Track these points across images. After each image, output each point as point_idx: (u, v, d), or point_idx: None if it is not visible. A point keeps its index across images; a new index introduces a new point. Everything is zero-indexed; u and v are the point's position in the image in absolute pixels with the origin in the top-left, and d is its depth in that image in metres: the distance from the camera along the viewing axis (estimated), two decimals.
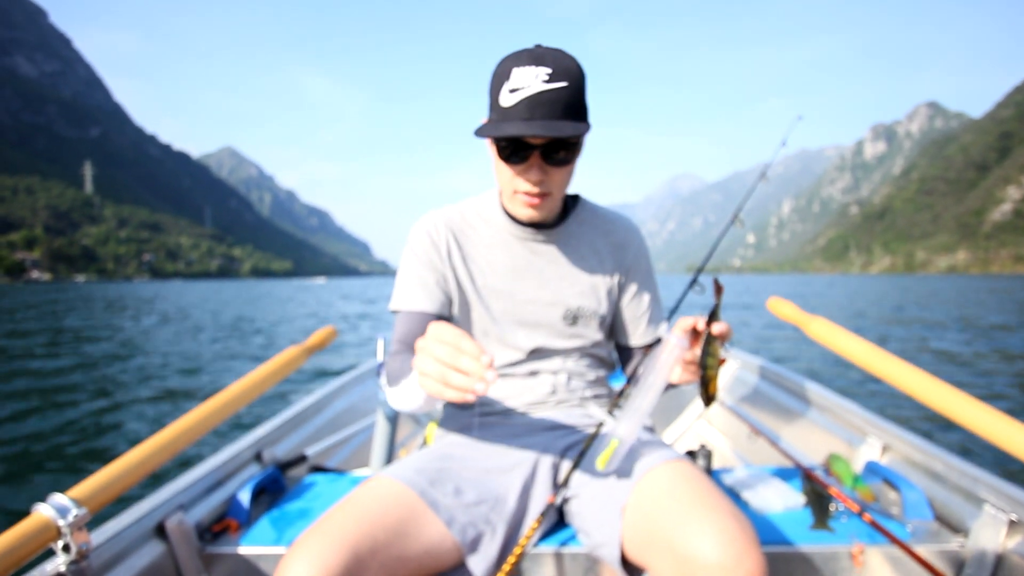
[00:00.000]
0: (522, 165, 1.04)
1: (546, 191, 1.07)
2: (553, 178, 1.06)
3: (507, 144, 1.03)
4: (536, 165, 1.03)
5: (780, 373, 2.26)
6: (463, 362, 0.74)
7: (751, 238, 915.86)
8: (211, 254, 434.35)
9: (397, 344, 1.14)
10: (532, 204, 1.08)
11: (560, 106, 0.98)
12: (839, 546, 1.15)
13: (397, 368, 1.05)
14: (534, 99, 0.97)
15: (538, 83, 0.97)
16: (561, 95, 0.98)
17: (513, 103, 0.98)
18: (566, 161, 1.05)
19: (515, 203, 1.11)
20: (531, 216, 1.12)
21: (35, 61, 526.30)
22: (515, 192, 1.08)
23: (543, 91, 0.97)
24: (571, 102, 1.00)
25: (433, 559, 0.93)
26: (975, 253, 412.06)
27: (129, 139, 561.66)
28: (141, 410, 5.50)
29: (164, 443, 1.19)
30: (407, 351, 1.09)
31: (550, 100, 0.97)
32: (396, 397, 1.04)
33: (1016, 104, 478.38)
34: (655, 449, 1.04)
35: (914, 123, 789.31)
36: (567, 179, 1.10)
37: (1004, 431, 1.17)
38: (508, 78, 1.00)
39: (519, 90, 0.98)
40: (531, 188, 1.06)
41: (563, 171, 1.07)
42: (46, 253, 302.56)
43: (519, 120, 0.98)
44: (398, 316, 1.17)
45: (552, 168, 1.05)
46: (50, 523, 0.90)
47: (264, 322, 16.76)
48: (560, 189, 1.10)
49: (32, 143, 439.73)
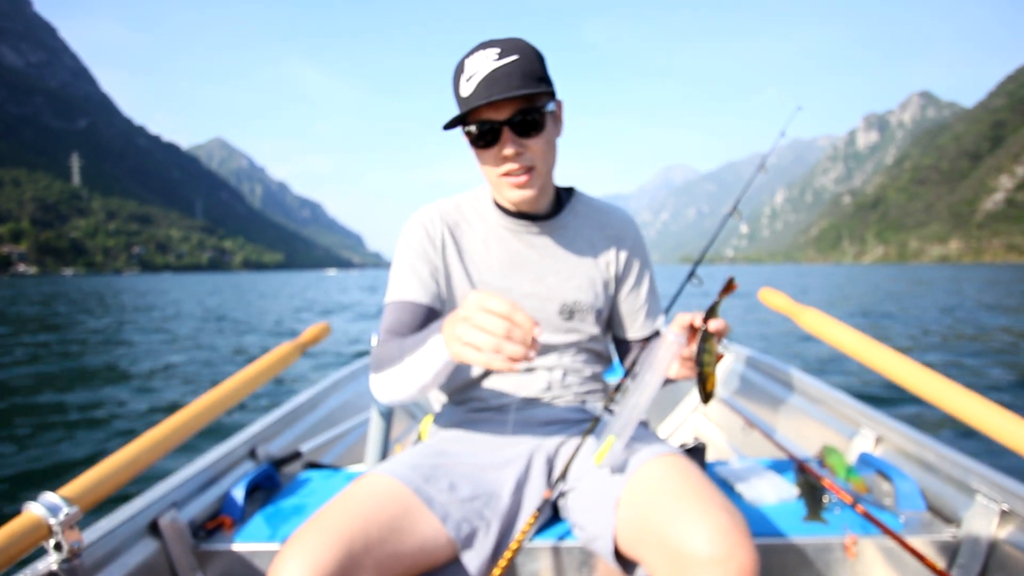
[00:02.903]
0: (496, 146, 1.04)
1: (528, 164, 1.05)
2: (531, 149, 1.05)
3: (477, 130, 1.03)
4: (509, 140, 1.02)
5: (774, 365, 2.27)
6: (517, 333, 0.75)
7: (744, 228, 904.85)
8: (202, 246, 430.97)
9: (385, 334, 1.12)
10: (519, 183, 1.06)
11: (516, 77, 0.99)
12: (832, 537, 1.15)
13: (391, 352, 1.02)
14: (488, 78, 0.98)
15: (489, 63, 0.99)
16: (514, 67, 0.99)
17: (471, 89, 0.99)
18: (536, 128, 1.03)
19: (504, 188, 1.09)
20: (522, 197, 1.08)
21: (20, 51, 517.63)
22: (500, 177, 1.07)
23: (495, 68, 0.99)
24: (526, 71, 1.00)
25: (428, 555, 0.93)
26: (968, 242, 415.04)
27: (117, 130, 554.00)
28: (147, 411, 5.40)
29: (156, 440, 1.18)
30: (396, 340, 1.08)
31: (504, 74, 0.98)
32: (387, 382, 1.03)
33: (1008, 93, 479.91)
34: (649, 443, 1.04)
35: (907, 113, 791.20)
36: (547, 151, 1.07)
37: (996, 421, 1.18)
38: (463, 70, 1.02)
39: (473, 76, 1.00)
40: (512, 165, 1.04)
41: (539, 141, 1.05)
42: (33, 246, 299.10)
43: (479, 100, 0.98)
44: (389, 306, 1.16)
45: (526, 140, 1.04)
46: (41, 522, 0.90)
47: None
48: (543, 162, 1.07)
49: (18, 134, 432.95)
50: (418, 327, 1.12)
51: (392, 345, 1.04)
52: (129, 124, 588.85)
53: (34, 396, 5.82)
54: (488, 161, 1.07)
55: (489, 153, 1.05)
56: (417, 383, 0.97)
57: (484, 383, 1.20)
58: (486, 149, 1.05)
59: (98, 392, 5.98)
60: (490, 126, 1.02)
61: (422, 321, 1.13)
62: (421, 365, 0.94)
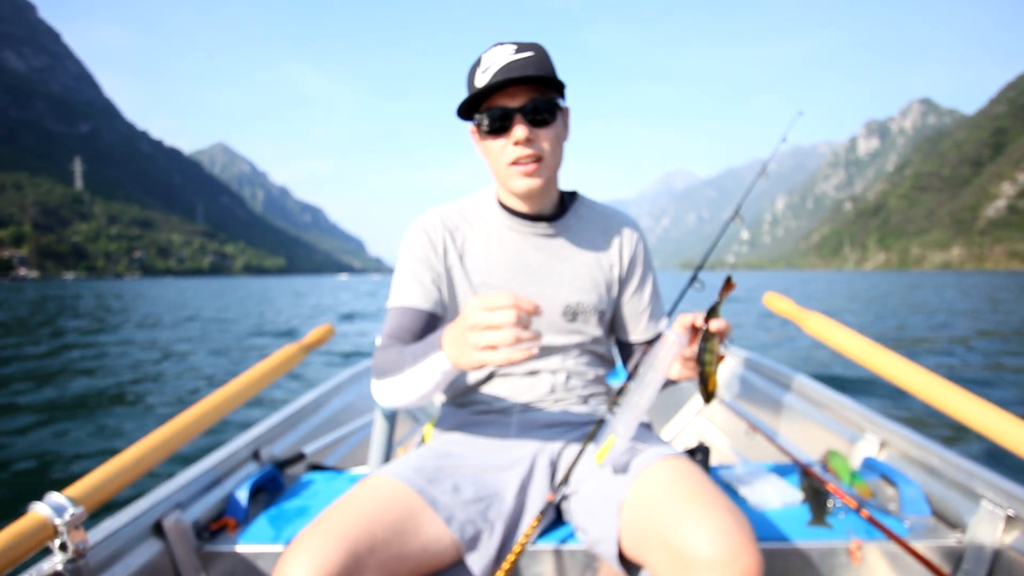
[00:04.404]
0: (508, 133, 1.05)
1: (538, 153, 1.06)
2: (541, 140, 1.06)
3: (490, 117, 1.05)
4: (520, 125, 1.04)
5: (778, 369, 2.25)
6: (525, 317, 0.78)
7: (745, 234, 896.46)
8: (203, 251, 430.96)
9: (386, 339, 1.13)
10: (528, 172, 1.07)
11: (531, 68, 1.03)
12: (837, 542, 1.14)
13: (392, 360, 1.03)
14: (504, 68, 1.02)
15: (506, 56, 1.03)
16: (530, 60, 1.03)
17: (487, 80, 1.03)
18: (547, 120, 1.06)
19: (512, 178, 1.09)
20: (529, 186, 1.09)
21: (24, 56, 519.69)
22: (508, 165, 1.08)
23: (512, 61, 1.02)
24: (541, 66, 1.04)
25: (432, 557, 0.93)
26: (970, 249, 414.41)
27: (120, 135, 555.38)
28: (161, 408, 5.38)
29: (161, 441, 1.18)
30: (397, 345, 1.09)
31: (520, 65, 1.02)
32: (388, 389, 1.04)
33: (1009, 100, 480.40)
34: (652, 446, 1.05)
35: (907, 119, 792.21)
36: (556, 146, 1.09)
37: (1002, 426, 1.17)
38: (479, 64, 1.06)
39: (489, 68, 1.03)
40: (522, 151, 1.06)
41: (549, 133, 1.07)
42: (34, 250, 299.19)
43: (494, 83, 1.01)
44: (391, 311, 1.17)
45: (537, 130, 1.06)
46: (47, 522, 0.90)
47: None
48: (551, 155, 1.09)
49: (21, 139, 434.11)
50: (419, 332, 1.13)
51: (393, 352, 1.05)
52: (131, 129, 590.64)
53: (37, 394, 5.76)
54: (497, 150, 1.08)
55: (499, 142, 1.07)
56: (417, 393, 0.99)
57: (488, 386, 1.21)
58: (496, 137, 1.07)
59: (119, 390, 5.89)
60: (503, 111, 1.04)
61: (423, 326, 1.14)
62: (421, 378, 0.96)
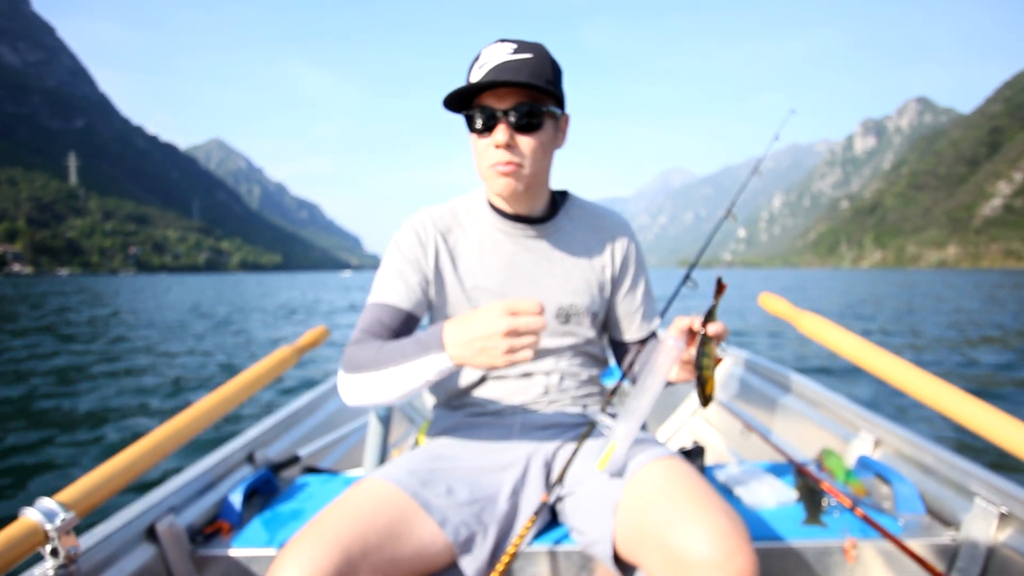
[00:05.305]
0: (490, 134, 1.05)
1: (516, 161, 1.05)
2: (522, 148, 1.05)
3: (476, 115, 1.04)
4: (503, 129, 1.02)
5: (772, 369, 2.27)
6: (533, 319, 0.81)
7: (742, 232, 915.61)
8: (199, 247, 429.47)
9: (361, 333, 1.10)
10: (505, 172, 1.06)
11: (524, 72, 1.00)
12: (831, 541, 1.15)
13: (369, 355, 1.01)
14: (498, 67, 1.00)
15: (503, 55, 1.02)
16: (525, 64, 1.01)
17: (480, 76, 1.01)
18: (532, 128, 1.04)
19: (491, 177, 1.08)
20: (505, 187, 1.08)
21: (18, 50, 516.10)
22: (488, 166, 1.07)
23: (507, 60, 1.01)
24: (535, 71, 1.01)
25: (425, 560, 0.93)
26: (965, 248, 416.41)
27: (115, 130, 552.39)
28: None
29: (153, 445, 1.17)
30: (370, 340, 1.07)
31: (514, 67, 1.00)
32: (362, 385, 1.01)
33: (1005, 99, 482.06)
34: (647, 447, 1.04)
35: (904, 118, 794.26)
36: (539, 154, 1.08)
37: (995, 424, 1.18)
38: (478, 59, 1.05)
39: (486, 64, 1.02)
40: (501, 155, 1.04)
41: (532, 140, 1.05)
42: (28, 246, 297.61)
43: (483, 83, 1.00)
44: (370, 306, 1.14)
45: (520, 136, 1.04)
46: (37, 527, 0.89)
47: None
48: (533, 163, 1.07)
49: (15, 133, 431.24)
50: (396, 331, 1.11)
51: (370, 348, 1.03)
52: (127, 124, 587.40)
53: (32, 399, 5.70)
54: (481, 149, 1.08)
55: (483, 141, 1.07)
56: (398, 392, 0.97)
57: (481, 388, 1.20)
58: (481, 136, 1.06)
59: (114, 394, 5.81)
60: (489, 112, 1.02)
61: (400, 326, 1.12)
62: (407, 377, 0.95)
